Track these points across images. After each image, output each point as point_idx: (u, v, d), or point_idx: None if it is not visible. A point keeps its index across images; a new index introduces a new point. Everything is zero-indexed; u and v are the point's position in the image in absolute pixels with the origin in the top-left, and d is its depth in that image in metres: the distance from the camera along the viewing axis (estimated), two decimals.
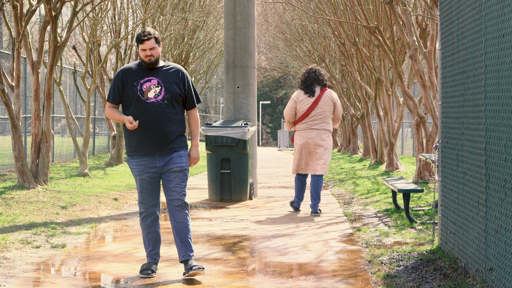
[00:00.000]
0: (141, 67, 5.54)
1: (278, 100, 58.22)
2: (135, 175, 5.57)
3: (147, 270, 5.51)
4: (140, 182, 5.55)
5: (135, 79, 5.48)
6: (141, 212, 5.61)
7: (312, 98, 9.11)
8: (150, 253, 5.65)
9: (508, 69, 4.27)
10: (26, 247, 6.63)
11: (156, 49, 5.45)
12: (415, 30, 11.37)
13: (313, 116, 9.11)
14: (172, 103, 5.49)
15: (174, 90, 5.49)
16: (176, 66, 5.62)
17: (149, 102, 5.44)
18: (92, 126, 20.98)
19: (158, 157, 5.50)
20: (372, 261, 6.02)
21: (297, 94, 9.23)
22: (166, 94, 5.47)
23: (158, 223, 5.65)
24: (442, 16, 6.33)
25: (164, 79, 5.50)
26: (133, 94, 5.46)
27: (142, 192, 5.56)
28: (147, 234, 5.62)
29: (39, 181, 10.93)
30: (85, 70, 15.04)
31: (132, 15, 18.49)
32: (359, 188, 12.14)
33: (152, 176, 5.53)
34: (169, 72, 5.55)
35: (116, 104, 5.58)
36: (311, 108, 9.09)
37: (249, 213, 9.21)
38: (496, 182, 4.55)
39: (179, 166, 5.52)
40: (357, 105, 23.07)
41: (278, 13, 29.73)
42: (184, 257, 5.50)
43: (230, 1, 11.43)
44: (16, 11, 10.64)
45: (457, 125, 5.75)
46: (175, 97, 5.51)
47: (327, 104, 9.13)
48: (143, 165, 5.51)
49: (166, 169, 5.52)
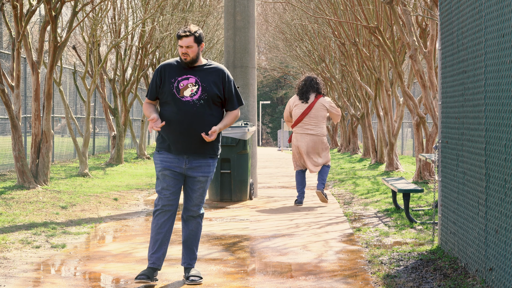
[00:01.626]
0: (181, 64, 5.30)
1: (278, 100, 58.20)
2: (157, 170, 5.28)
3: (142, 276, 5.17)
4: (162, 178, 5.24)
5: (174, 75, 5.25)
6: (156, 210, 5.25)
7: (305, 104, 9.89)
8: (151, 256, 5.27)
9: (508, 69, 4.27)
10: (26, 247, 6.63)
11: (193, 48, 5.19)
12: (415, 30, 11.37)
13: (307, 121, 9.89)
14: (208, 103, 5.22)
15: (212, 90, 5.23)
16: (218, 66, 5.33)
17: (184, 100, 5.19)
18: (92, 126, 20.98)
19: (186, 158, 5.25)
20: (372, 261, 6.02)
21: (292, 100, 10.07)
22: (203, 94, 5.21)
23: (172, 222, 5.31)
24: (442, 16, 6.33)
25: (202, 78, 5.24)
26: (169, 91, 5.22)
27: (163, 188, 5.23)
28: (156, 234, 5.25)
29: (39, 181, 10.93)
30: (85, 70, 15.04)
31: (132, 15, 18.49)
32: (359, 188, 12.14)
33: (175, 172, 5.25)
34: (209, 72, 5.28)
35: (153, 100, 5.35)
36: (304, 113, 9.87)
37: (249, 213, 9.22)
38: (496, 182, 4.55)
39: (205, 176, 5.31)
40: (357, 105, 23.06)
41: (278, 13, 29.72)
42: (185, 264, 5.42)
43: (230, 1, 11.43)
44: (16, 11, 10.64)
45: (457, 125, 5.75)
46: (213, 98, 5.23)
47: (320, 109, 9.88)
48: (168, 162, 5.24)
49: (191, 174, 5.27)
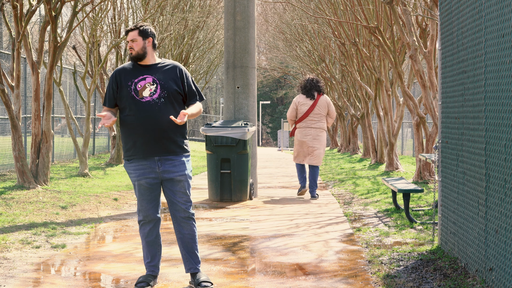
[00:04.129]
0: (135, 66, 5.18)
1: (278, 100, 58.20)
2: (133, 180, 5.15)
3: (142, 283, 5.11)
4: (138, 188, 5.14)
5: (129, 78, 5.12)
6: (139, 220, 5.21)
7: (311, 101, 11.00)
8: (148, 265, 5.24)
9: (508, 69, 4.27)
10: (26, 247, 6.63)
11: (137, 42, 5.09)
12: (415, 30, 11.37)
13: (311, 116, 10.99)
14: (170, 101, 5.09)
15: (171, 87, 5.11)
16: (173, 63, 5.23)
17: (144, 101, 5.05)
18: (92, 126, 20.98)
19: (158, 161, 5.08)
20: (372, 261, 6.02)
21: (298, 98, 11.08)
22: (162, 92, 5.08)
23: (158, 228, 5.25)
24: (442, 16, 6.33)
25: (159, 76, 5.12)
26: (128, 94, 5.08)
27: (141, 199, 5.14)
28: (146, 243, 5.21)
29: (39, 181, 10.93)
30: (85, 70, 15.04)
31: (132, 15, 18.48)
32: (359, 188, 12.14)
33: (151, 182, 5.11)
34: (165, 69, 5.16)
35: (111, 107, 5.20)
36: (310, 109, 10.95)
37: (249, 213, 9.22)
38: (496, 182, 4.55)
39: (182, 174, 5.13)
40: (357, 105, 23.07)
41: (278, 13, 29.73)
42: (191, 270, 5.22)
43: (230, 1, 11.42)
44: (16, 11, 10.64)
45: (457, 125, 5.75)
46: (173, 95, 5.11)
47: (323, 106, 11.02)
48: (141, 169, 5.09)
49: (167, 176, 5.11)
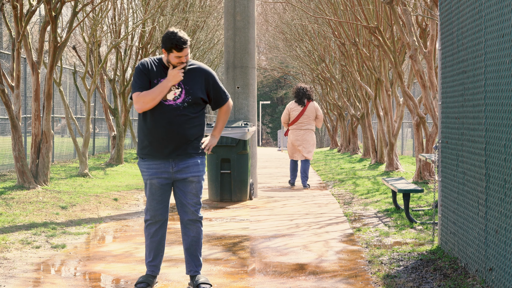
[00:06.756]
0: (162, 64, 4.98)
1: (278, 100, 58.20)
2: (145, 179, 5.05)
3: (142, 283, 5.06)
4: (149, 187, 5.04)
5: (156, 76, 4.94)
6: (146, 220, 5.11)
7: (301, 107, 12.81)
8: (149, 264, 5.17)
9: (508, 69, 4.27)
10: (26, 247, 6.63)
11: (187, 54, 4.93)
12: (415, 30, 11.37)
13: (301, 120, 12.83)
14: (192, 106, 4.95)
15: (196, 94, 4.96)
16: (200, 66, 5.03)
17: (167, 104, 4.91)
18: (92, 127, 20.98)
19: (172, 161, 4.99)
20: (372, 261, 6.02)
21: (290, 105, 12.92)
22: (187, 97, 4.94)
23: (165, 229, 5.17)
24: (442, 16, 6.33)
25: (186, 80, 4.95)
26: None
27: (151, 198, 5.04)
28: (150, 243, 5.13)
29: (39, 181, 10.93)
30: (85, 70, 15.04)
31: (132, 16, 18.49)
32: (359, 188, 12.14)
33: (162, 183, 5.02)
34: (193, 74, 4.98)
35: None
36: (300, 114, 12.79)
37: (249, 213, 9.22)
38: (496, 182, 4.55)
39: (195, 176, 5.06)
40: (357, 105, 23.07)
41: (278, 13, 29.73)
42: (191, 272, 5.18)
43: (230, 1, 11.42)
44: (16, 11, 10.64)
45: (457, 125, 5.75)
46: (197, 101, 4.96)
47: (312, 112, 12.85)
48: (154, 168, 5.00)
49: (180, 176, 5.03)
